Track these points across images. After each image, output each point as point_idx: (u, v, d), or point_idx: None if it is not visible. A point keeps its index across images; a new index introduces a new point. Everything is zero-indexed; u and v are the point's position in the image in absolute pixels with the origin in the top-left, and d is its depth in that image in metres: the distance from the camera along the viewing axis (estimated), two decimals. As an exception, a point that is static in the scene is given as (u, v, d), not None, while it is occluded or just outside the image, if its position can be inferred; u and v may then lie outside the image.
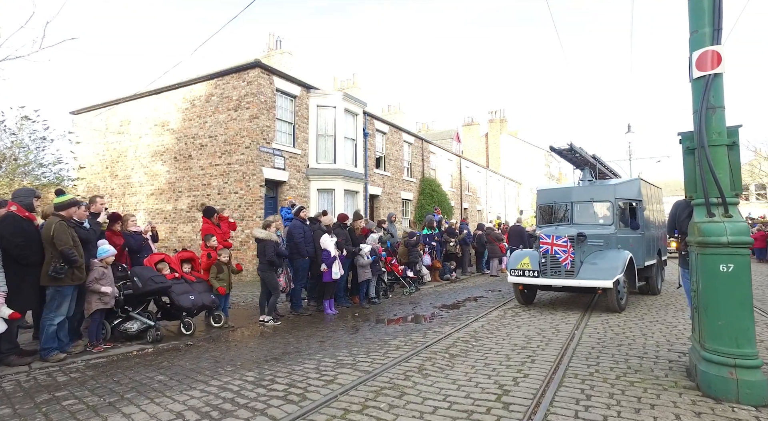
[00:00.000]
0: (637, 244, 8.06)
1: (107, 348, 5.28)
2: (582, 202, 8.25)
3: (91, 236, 5.34)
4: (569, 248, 7.14)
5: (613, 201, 7.91)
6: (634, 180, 8.88)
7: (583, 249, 7.42)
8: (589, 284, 7.03)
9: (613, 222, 7.82)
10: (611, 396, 3.53)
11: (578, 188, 8.62)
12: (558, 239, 7.23)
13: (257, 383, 4.06)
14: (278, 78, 14.36)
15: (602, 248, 7.55)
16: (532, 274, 7.56)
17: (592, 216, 8.12)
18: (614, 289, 6.93)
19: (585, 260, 7.36)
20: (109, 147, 17.05)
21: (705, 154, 3.67)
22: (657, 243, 9.54)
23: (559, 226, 8.01)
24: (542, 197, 9.07)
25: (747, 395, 3.31)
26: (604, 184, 8.53)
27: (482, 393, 3.64)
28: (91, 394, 3.80)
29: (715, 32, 3.80)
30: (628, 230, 7.97)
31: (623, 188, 8.33)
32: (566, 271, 7.23)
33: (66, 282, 4.84)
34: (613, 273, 6.90)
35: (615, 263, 7.07)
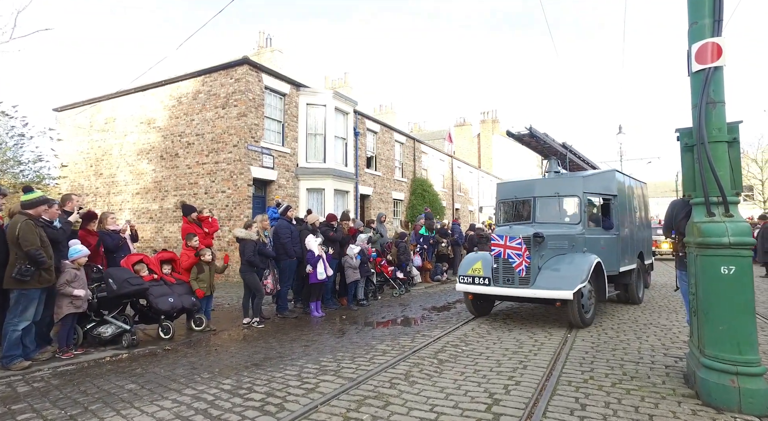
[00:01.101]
0: (610, 246, 7.11)
1: (78, 354, 5.00)
2: (546, 198, 7.14)
3: (60, 236, 5.05)
4: (524, 251, 5.87)
5: (581, 196, 6.81)
6: (608, 172, 7.74)
7: (541, 253, 6.21)
8: (545, 295, 5.85)
9: (581, 220, 6.74)
10: (607, 405, 3.34)
11: (542, 181, 7.54)
12: (511, 240, 5.94)
13: (234, 391, 3.82)
14: (267, 75, 14.08)
15: (567, 251, 6.44)
16: (482, 281, 6.38)
17: (556, 213, 7.03)
18: (575, 301, 5.76)
19: (544, 266, 6.16)
20: (94, 145, 16.64)
21: (705, 150, 3.50)
22: (638, 245, 8.47)
23: (514, 225, 6.90)
24: (502, 192, 7.95)
25: (750, 404, 3.14)
26: (571, 177, 7.48)
27: (471, 402, 3.44)
28: (52, 406, 3.53)
29: (715, 23, 3.64)
30: (599, 230, 6.99)
31: (594, 181, 7.24)
32: (520, 278, 6.04)
33: (32, 285, 4.56)
34: (574, 282, 5.73)
35: (577, 270, 5.91)
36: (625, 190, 7.91)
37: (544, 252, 6.25)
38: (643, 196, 9.41)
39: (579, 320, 5.89)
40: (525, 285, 6.05)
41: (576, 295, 5.73)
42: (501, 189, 8.06)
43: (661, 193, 72.62)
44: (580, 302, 5.88)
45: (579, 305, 5.87)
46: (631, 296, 7.96)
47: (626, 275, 7.74)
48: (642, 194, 9.26)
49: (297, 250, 7.56)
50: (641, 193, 9.25)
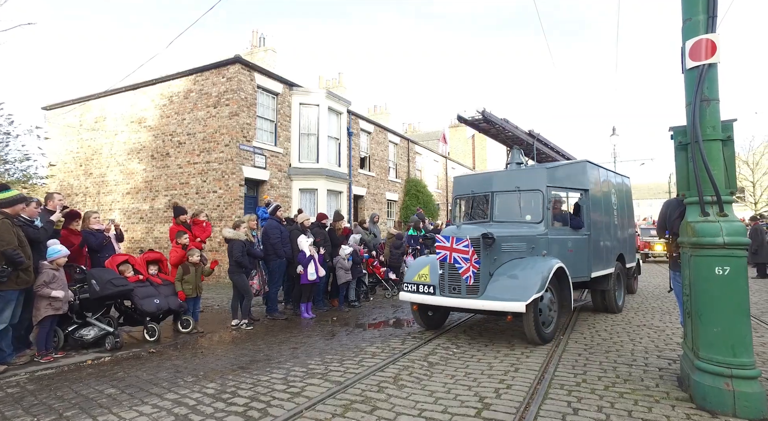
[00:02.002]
0: (580, 248, 6.28)
1: (58, 358, 4.85)
2: (505, 193, 6.31)
3: (42, 236, 4.91)
4: (471, 254, 5.06)
5: (543, 190, 5.97)
6: (579, 163, 6.83)
7: (493, 257, 5.35)
8: (494, 307, 5.01)
9: (543, 219, 5.90)
10: (600, 409, 3.25)
11: (501, 174, 6.70)
12: (458, 242, 5.10)
13: (217, 396, 3.70)
14: (259, 74, 13.96)
15: (526, 255, 5.59)
16: (427, 290, 5.53)
17: (517, 211, 6.18)
18: (531, 313, 4.96)
19: (496, 272, 5.31)
20: (84, 144, 16.42)
21: (699, 149, 3.44)
22: (617, 246, 7.57)
23: (464, 224, 5.99)
24: (459, 187, 7.11)
25: (744, 408, 3.07)
26: (533, 169, 6.72)
27: (461, 407, 3.34)
28: (25, 413, 3.39)
29: (709, 20, 3.58)
30: (566, 230, 6.18)
31: (561, 174, 6.36)
32: (468, 287, 5.22)
33: (9, 286, 4.41)
34: (528, 291, 4.89)
35: (532, 277, 5.06)
36: (600, 184, 7.04)
37: (497, 256, 5.38)
38: (626, 192, 8.41)
39: (535, 336, 5.05)
40: (473, 295, 5.20)
41: (531, 306, 4.92)
42: (457, 183, 7.21)
43: (654, 194, 72.95)
44: (536, 315, 5.07)
45: (535, 318, 5.03)
46: (609, 304, 7.08)
47: (602, 281, 6.93)
48: (624, 190, 8.32)
49: (287, 250, 7.44)
50: (623, 188, 8.28)
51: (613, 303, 7.12)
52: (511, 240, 5.58)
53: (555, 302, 5.49)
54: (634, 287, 9.54)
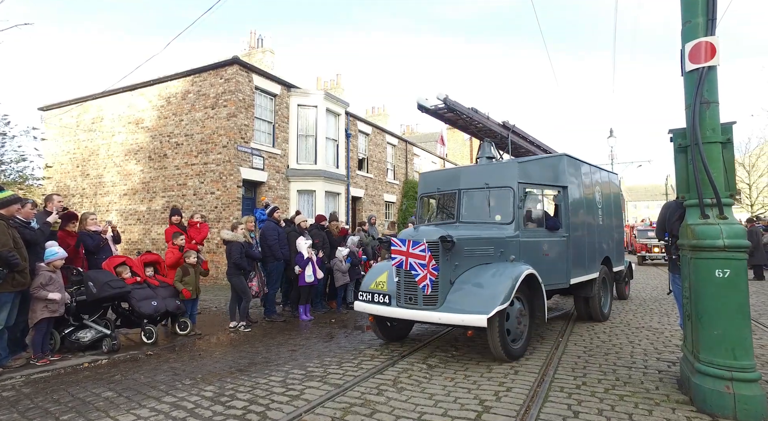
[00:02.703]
0: (557, 252, 5.72)
1: (55, 360, 4.80)
2: (473, 191, 5.78)
3: (38, 237, 4.88)
4: (429, 260, 4.49)
5: (515, 188, 5.42)
6: (556, 157, 6.26)
7: (455, 262, 4.78)
8: (451, 320, 4.46)
9: (513, 219, 5.36)
10: (600, 412, 3.24)
11: (469, 170, 6.19)
12: (414, 245, 4.53)
13: (215, 399, 3.67)
14: (257, 76, 13.93)
15: (494, 260, 5.04)
16: (382, 300, 4.99)
17: (486, 211, 5.63)
18: (495, 326, 4.37)
19: (458, 280, 4.76)
20: (80, 145, 16.35)
21: (699, 151, 3.44)
22: (603, 249, 6.97)
23: (423, 226, 5.35)
24: (424, 184, 6.53)
25: (745, 411, 3.06)
26: (504, 164, 6.13)
27: (461, 410, 3.32)
28: (21, 416, 3.35)
29: (709, 22, 3.59)
30: (541, 232, 5.59)
31: (535, 169, 5.81)
32: (424, 297, 4.66)
33: (5, 288, 4.37)
34: (491, 303, 4.31)
35: (496, 287, 4.49)
36: (582, 180, 6.45)
37: (458, 262, 4.81)
38: (613, 190, 7.79)
39: (501, 353, 4.46)
40: (431, 306, 4.64)
41: (495, 319, 4.33)
42: (423, 180, 6.59)
43: (652, 196, 73.17)
44: (502, 329, 4.46)
45: (501, 332, 4.43)
46: (593, 311, 6.50)
47: (585, 287, 6.42)
48: (611, 187, 7.69)
49: (285, 252, 7.42)
50: (610, 185, 7.65)
51: (598, 311, 6.51)
52: (475, 243, 5.00)
53: (526, 314, 4.91)
54: (626, 293, 9.07)
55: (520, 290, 4.74)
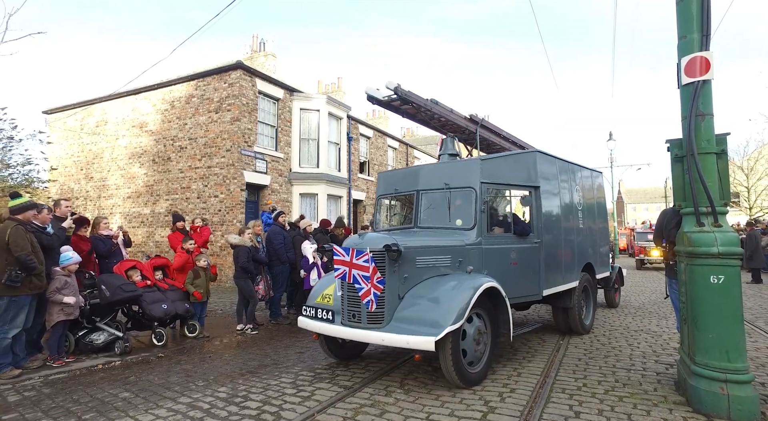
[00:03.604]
0: (527, 260, 5.15)
1: (70, 362, 4.94)
2: (432, 192, 5.22)
3: (54, 242, 5.02)
4: (372, 272, 3.92)
5: (477, 188, 4.82)
6: (526, 154, 5.76)
7: (404, 274, 4.18)
8: (395, 342, 3.83)
9: (475, 224, 4.76)
10: (601, 413, 3.39)
11: (428, 169, 5.60)
12: (358, 255, 4.00)
13: (229, 400, 3.81)
14: (261, 80, 14.09)
15: (452, 271, 4.48)
16: (325, 316, 4.41)
17: (445, 214, 5.01)
18: (447, 349, 3.78)
19: (408, 295, 4.16)
20: (84, 148, 16.49)
21: (695, 162, 3.59)
22: (584, 254, 6.40)
23: (369, 233, 4.51)
24: (382, 185, 5.94)
25: (738, 411, 3.20)
26: (465, 161, 5.53)
27: (467, 410, 3.47)
28: (45, 415, 3.49)
29: (703, 38, 3.74)
30: (508, 238, 5.05)
31: (502, 167, 5.25)
32: (368, 314, 4.07)
33: (23, 291, 4.51)
34: (441, 322, 3.73)
35: (448, 303, 3.88)
36: (559, 180, 5.89)
37: (408, 273, 4.21)
38: (596, 190, 7.21)
39: (456, 378, 3.86)
40: (375, 324, 4.05)
41: (446, 341, 3.76)
42: (382, 181, 6.00)
43: (651, 199, 73.29)
44: (456, 351, 3.84)
45: (454, 355, 3.82)
46: (572, 324, 5.96)
47: (563, 298, 5.88)
48: (593, 187, 7.11)
49: (290, 256, 7.56)
50: (592, 185, 7.07)
51: (577, 323, 5.93)
52: (428, 252, 4.40)
53: (486, 333, 4.30)
54: (616, 301, 8.61)
55: (481, 305, 4.20)
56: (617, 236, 32.84)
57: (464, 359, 3.98)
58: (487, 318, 4.35)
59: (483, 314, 4.31)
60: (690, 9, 3.76)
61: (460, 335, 3.95)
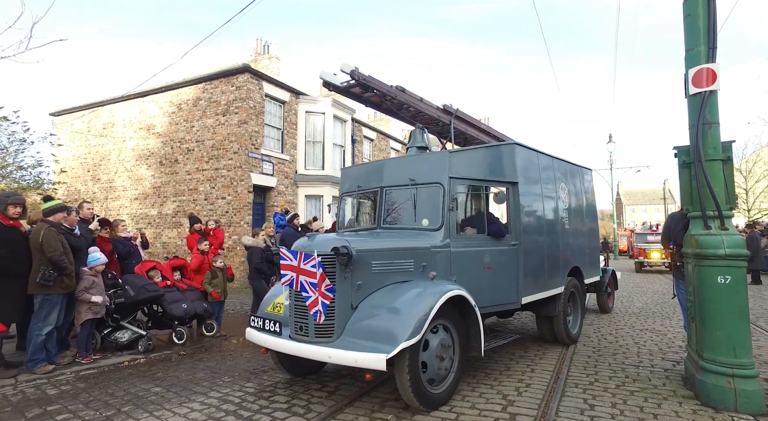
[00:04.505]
0: (503, 264, 4.65)
1: (97, 359, 5.11)
2: (397, 189, 4.74)
3: (82, 243, 5.19)
4: (321, 278, 3.43)
5: (445, 184, 4.36)
6: (502, 146, 5.20)
7: (357, 281, 3.69)
8: (342, 360, 3.35)
9: (442, 224, 4.29)
10: (614, 406, 3.58)
11: (393, 164, 5.25)
12: (306, 259, 3.52)
13: (258, 394, 3.99)
14: (267, 83, 14.27)
15: (415, 276, 3.98)
16: (272, 327, 3.87)
17: (411, 214, 4.55)
18: (403, 367, 3.32)
19: (362, 304, 3.67)
20: (91, 150, 16.64)
21: (702, 168, 3.79)
22: (570, 257, 5.89)
23: (320, 235, 4.18)
24: (346, 182, 5.48)
25: (745, 404, 3.40)
26: (433, 154, 4.88)
27: (487, 403, 3.65)
28: (86, 407, 3.66)
29: (709, 50, 3.94)
30: (481, 239, 4.56)
31: (474, 161, 4.78)
32: (317, 327, 3.59)
33: (55, 290, 4.68)
34: (395, 337, 3.26)
35: (405, 315, 3.40)
36: (541, 176, 5.41)
37: (362, 280, 3.72)
38: (584, 188, 6.72)
39: (414, 400, 3.39)
40: (324, 338, 3.57)
41: (402, 358, 3.30)
42: (344, 177, 5.56)
43: (650, 200, 73.56)
44: (414, 369, 3.36)
45: (413, 374, 3.34)
46: (557, 333, 5.49)
47: (547, 305, 5.42)
48: (581, 185, 6.62)
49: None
50: (579, 183, 6.57)
51: (563, 332, 5.47)
52: (386, 256, 3.90)
53: (452, 347, 3.81)
54: (609, 306, 8.15)
55: (447, 316, 3.74)
56: (617, 237, 33.09)
57: (424, 376, 3.49)
58: (454, 331, 3.84)
59: (449, 326, 3.80)
60: (697, 23, 3.96)
61: (420, 350, 3.46)
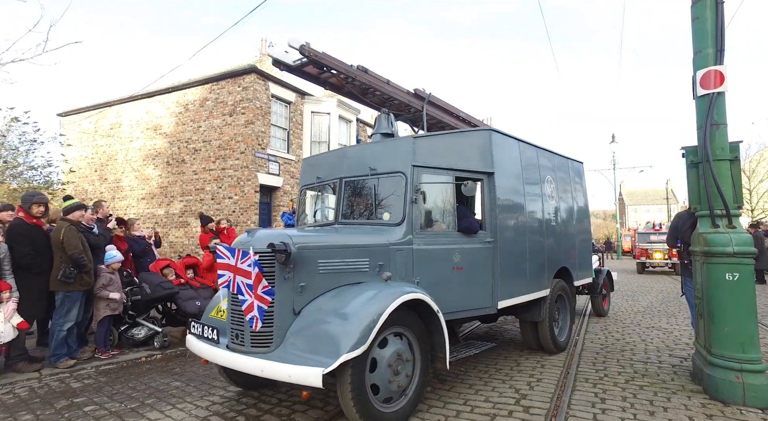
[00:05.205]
0: (476, 264, 4.21)
1: (115, 354, 5.22)
2: (357, 179, 4.30)
3: (100, 242, 5.32)
4: (256, 279, 3.01)
5: (408, 173, 3.91)
6: (475, 132, 4.78)
7: (299, 282, 3.25)
8: (276, 374, 2.89)
9: (404, 218, 3.84)
10: (624, 399, 3.67)
11: (353, 152, 4.69)
12: (243, 257, 3.08)
13: (276, 389, 4.08)
14: (273, 84, 14.38)
15: (371, 277, 3.58)
16: (210, 335, 3.43)
17: (371, 206, 4.20)
18: (346, 383, 2.90)
19: (306, 310, 3.24)
20: (99, 150, 16.79)
21: (710, 168, 3.87)
22: (557, 257, 5.43)
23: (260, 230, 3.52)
24: (306, 173, 5.04)
25: (753, 398, 3.49)
26: (395, 141, 4.47)
27: (500, 397, 3.75)
28: (110, 400, 3.77)
29: (717, 53, 4.03)
30: (450, 236, 4.11)
31: (442, 148, 4.22)
32: (252, 335, 3.16)
33: (75, 287, 4.80)
34: (337, 347, 2.85)
35: (352, 322, 2.99)
36: (523, 167, 4.97)
37: (306, 281, 3.28)
38: (575, 182, 6.28)
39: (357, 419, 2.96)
40: (262, 347, 3.13)
41: (344, 372, 2.89)
42: (305, 168, 5.13)
43: (652, 200, 73.44)
44: (360, 386, 2.95)
45: (357, 390, 2.93)
46: (543, 340, 5.08)
47: (530, 309, 5.01)
48: (572, 179, 6.20)
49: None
50: (570, 176, 6.16)
51: (548, 339, 5.03)
52: (335, 254, 3.47)
53: (412, 359, 3.39)
54: (605, 309, 7.71)
55: (406, 323, 3.34)
56: (620, 237, 33.12)
57: (375, 394, 3.10)
58: (414, 340, 3.42)
59: (408, 334, 3.38)
60: (705, 26, 4.05)
61: (367, 363, 3.04)
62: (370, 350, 3.00)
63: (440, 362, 3.51)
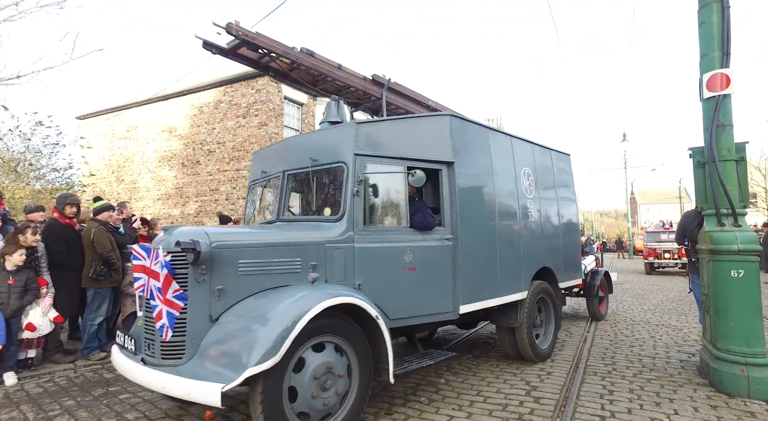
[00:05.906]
0: (432, 264, 3.79)
1: (142, 348, 5.48)
2: (299, 172, 3.92)
3: (127, 241, 5.56)
4: (165, 281, 2.73)
5: (349, 163, 3.51)
6: (433, 117, 4.20)
7: (216, 285, 2.90)
8: (176, 391, 2.60)
9: (344, 212, 3.46)
10: (632, 391, 3.81)
11: (296, 141, 4.45)
12: (157, 258, 2.81)
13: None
14: (286, 86, 14.63)
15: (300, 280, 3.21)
16: (129, 345, 3.11)
17: (312, 201, 3.86)
18: (256, 400, 2.61)
19: (223, 316, 2.91)
20: (116, 152, 17.21)
21: (716, 168, 3.99)
22: (536, 256, 4.98)
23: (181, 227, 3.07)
24: (254, 168, 4.72)
25: (757, 390, 3.61)
26: (336, 128, 3.90)
27: (512, 389, 3.91)
28: (143, 389, 4.01)
29: (724, 56, 4.14)
30: (401, 232, 3.67)
31: (392, 135, 3.82)
32: (162, 345, 2.82)
33: (105, 284, 5.06)
34: (244, 360, 2.53)
35: (261, 333, 2.64)
36: (492, 156, 4.52)
37: (225, 284, 2.95)
38: (559, 176, 5.86)
39: None
40: (173, 359, 2.80)
41: (256, 387, 2.62)
42: (253, 163, 4.83)
43: (665, 199, 72.65)
44: (273, 404, 2.62)
45: (271, 410, 2.61)
46: (521, 348, 4.62)
47: (506, 314, 4.59)
48: (556, 172, 5.78)
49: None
50: (553, 169, 5.73)
51: (527, 347, 4.57)
52: (259, 254, 3.12)
53: (345, 375, 3.00)
54: (602, 312, 7.25)
55: (340, 332, 2.99)
56: (632, 236, 32.92)
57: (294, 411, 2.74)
58: (351, 350, 3.05)
59: (343, 344, 3.02)
60: (711, 30, 4.16)
61: (285, 376, 2.70)
62: (289, 361, 2.69)
63: (385, 374, 3.15)
